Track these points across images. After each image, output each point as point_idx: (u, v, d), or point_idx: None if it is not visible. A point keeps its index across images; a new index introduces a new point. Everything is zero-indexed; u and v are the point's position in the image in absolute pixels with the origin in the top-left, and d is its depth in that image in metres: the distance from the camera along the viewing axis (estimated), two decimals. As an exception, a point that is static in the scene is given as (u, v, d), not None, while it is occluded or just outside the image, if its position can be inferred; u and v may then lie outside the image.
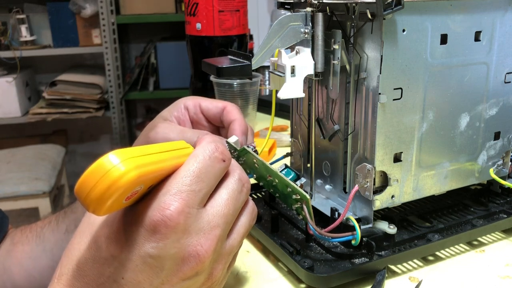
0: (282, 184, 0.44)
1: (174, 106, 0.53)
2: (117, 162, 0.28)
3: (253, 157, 0.45)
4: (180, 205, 0.32)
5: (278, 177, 0.44)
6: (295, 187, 0.42)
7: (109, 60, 2.35)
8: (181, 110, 0.52)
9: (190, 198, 0.33)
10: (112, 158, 0.28)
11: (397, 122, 0.47)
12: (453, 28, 0.48)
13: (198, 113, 0.52)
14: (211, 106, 0.52)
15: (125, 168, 0.28)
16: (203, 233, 0.33)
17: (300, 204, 0.43)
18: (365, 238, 0.46)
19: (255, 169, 0.47)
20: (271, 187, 0.46)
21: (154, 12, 2.32)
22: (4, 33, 2.28)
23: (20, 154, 2.02)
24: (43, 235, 0.58)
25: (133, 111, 2.78)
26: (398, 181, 0.48)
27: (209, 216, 0.34)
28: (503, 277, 0.46)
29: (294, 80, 0.49)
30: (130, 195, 0.30)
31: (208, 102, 0.52)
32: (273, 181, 0.45)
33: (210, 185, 0.35)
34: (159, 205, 0.32)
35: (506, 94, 0.54)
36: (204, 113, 0.52)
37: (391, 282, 0.46)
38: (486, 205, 0.56)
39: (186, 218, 0.32)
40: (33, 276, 0.57)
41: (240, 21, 0.93)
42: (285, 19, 0.48)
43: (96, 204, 0.28)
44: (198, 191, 0.33)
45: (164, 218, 0.31)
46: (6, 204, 1.76)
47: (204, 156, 0.35)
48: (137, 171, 0.29)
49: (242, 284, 0.47)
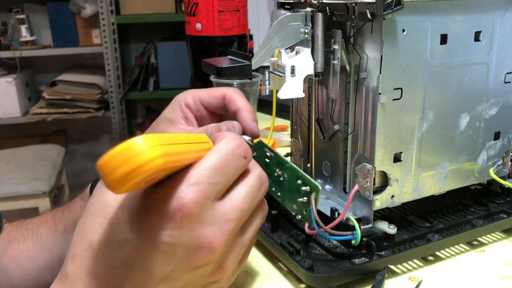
0: (291, 177, 0.44)
1: (175, 105, 0.52)
2: (146, 147, 0.29)
3: (267, 150, 0.46)
4: (197, 195, 0.32)
5: (291, 168, 0.44)
6: (307, 178, 0.43)
7: (109, 60, 2.35)
8: (183, 109, 0.52)
9: (207, 190, 0.33)
10: (142, 142, 0.29)
11: (397, 122, 0.47)
12: (453, 28, 0.48)
13: (201, 109, 0.52)
14: (210, 99, 0.51)
15: (153, 154, 0.29)
16: (217, 225, 0.34)
17: (306, 199, 0.43)
18: (365, 238, 0.46)
19: (263, 166, 0.47)
20: (274, 186, 0.47)
21: (154, 12, 2.32)
22: (4, 33, 2.28)
23: (20, 154, 2.02)
24: (39, 234, 0.58)
25: (133, 111, 2.78)
26: (398, 181, 0.49)
27: (225, 209, 0.34)
28: (503, 277, 0.46)
29: (294, 80, 0.49)
30: (150, 180, 0.31)
31: (207, 95, 0.52)
32: (282, 176, 0.45)
33: (229, 179, 0.35)
34: (177, 194, 0.32)
35: (506, 94, 0.54)
36: (205, 108, 0.52)
37: (391, 282, 0.46)
38: (486, 205, 0.56)
39: (202, 209, 0.33)
40: (31, 275, 0.57)
41: (240, 21, 0.93)
42: (285, 19, 0.48)
43: (117, 183, 0.28)
44: (216, 184, 0.34)
45: (180, 207, 0.32)
46: (6, 204, 1.76)
47: (227, 151, 0.35)
48: (164, 159, 0.29)
49: (242, 284, 0.47)
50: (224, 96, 0.50)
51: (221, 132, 0.41)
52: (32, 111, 2.32)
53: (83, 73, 2.43)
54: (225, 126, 0.48)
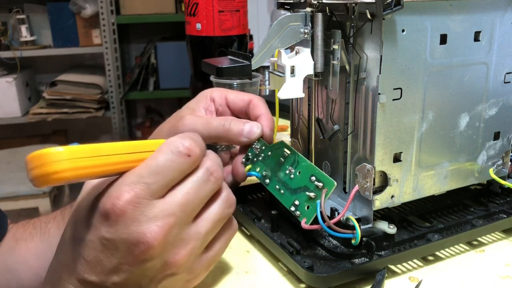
0: (305, 174, 0.46)
1: (201, 97, 0.55)
2: (54, 160, 0.32)
3: (286, 149, 0.49)
4: (129, 195, 0.35)
5: (308, 167, 0.46)
6: (324, 175, 0.45)
7: (109, 60, 2.35)
8: (207, 101, 0.54)
9: (140, 190, 0.35)
10: (58, 154, 0.32)
11: (397, 122, 0.47)
12: (453, 28, 0.48)
13: (224, 105, 0.54)
14: (237, 99, 0.54)
15: (59, 167, 0.32)
16: (154, 221, 0.36)
17: (313, 195, 0.45)
18: (365, 238, 0.46)
19: (273, 165, 0.50)
20: (278, 184, 0.48)
21: (154, 12, 2.32)
22: (4, 33, 2.28)
23: (20, 154, 2.02)
24: (48, 231, 0.57)
25: (133, 111, 2.78)
26: (398, 181, 0.49)
27: (165, 205, 0.36)
28: (503, 277, 0.46)
29: (294, 80, 0.49)
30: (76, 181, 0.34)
31: (234, 95, 0.54)
32: (292, 174, 0.47)
33: (169, 178, 0.37)
34: (112, 194, 0.35)
35: (506, 94, 0.54)
36: (229, 106, 0.54)
37: (391, 282, 0.46)
38: (486, 205, 0.56)
39: (135, 208, 0.35)
40: (39, 274, 0.56)
41: (240, 21, 0.93)
42: (284, 19, 0.48)
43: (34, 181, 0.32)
44: (151, 183, 0.36)
45: (113, 207, 0.35)
46: (6, 204, 1.76)
47: (166, 151, 0.37)
48: (73, 173, 0.32)
49: (242, 284, 0.47)
50: (251, 101, 0.53)
51: None
52: (32, 111, 2.32)
53: (83, 73, 2.43)
54: (247, 123, 0.51)
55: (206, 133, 0.50)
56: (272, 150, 0.51)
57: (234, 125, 0.51)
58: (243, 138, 0.51)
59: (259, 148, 0.52)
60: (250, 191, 0.62)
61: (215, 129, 0.51)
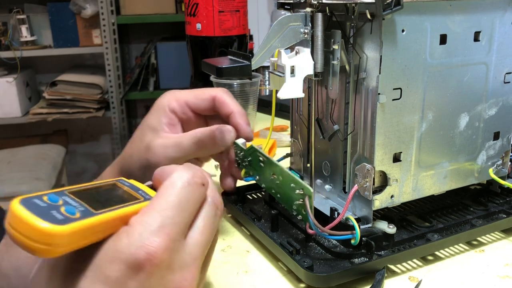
0: (285, 180, 0.44)
1: (159, 111, 0.50)
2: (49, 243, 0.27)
3: (260, 155, 0.46)
4: (164, 241, 0.30)
5: (283, 172, 0.44)
6: (299, 181, 0.43)
7: (109, 60, 2.35)
8: (168, 114, 0.49)
9: (173, 232, 0.31)
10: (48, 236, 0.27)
11: (397, 122, 0.47)
12: (453, 28, 0.48)
13: (187, 111, 0.50)
14: (198, 101, 0.49)
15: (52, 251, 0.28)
16: (186, 267, 0.32)
17: (302, 200, 0.43)
18: (364, 238, 0.46)
19: (259, 169, 0.48)
20: (273, 188, 0.47)
21: (154, 12, 2.32)
22: (5, 33, 2.28)
23: (20, 154, 2.02)
24: None
25: (133, 111, 2.78)
26: (397, 181, 0.49)
27: (190, 247, 0.32)
28: (503, 277, 0.46)
29: (294, 80, 0.49)
30: None
31: (193, 97, 0.50)
32: (277, 179, 0.45)
33: (192, 213, 0.33)
34: (142, 242, 0.30)
35: (506, 94, 0.54)
36: (192, 110, 0.50)
37: (391, 282, 0.46)
38: (485, 205, 0.56)
39: (171, 254, 0.30)
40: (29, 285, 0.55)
41: (240, 21, 0.93)
42: (284, 19, 0.49)
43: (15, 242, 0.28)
44: (180, 222, 0.31)
45: (148, 256, 0.29)
46: (6, 204, 1.74)
47: (183, 183, 0.33)
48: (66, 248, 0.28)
49: (242, 284, 0.47)
50: (214, 98, 0.49)
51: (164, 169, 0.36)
52: (32, 111, 2.32)
53: (84, 73, 2.43)
54: (217, 129, 0.47)
55: (180, 156, 0.47)
56: (248, 155, 0.48)
57: (205, 138, 0.47)
58: (219, 148, 0.48)
59: (239, 152, 0.50)
60: (250, 191, 0.62)
61: (188, 150, 0.47)
